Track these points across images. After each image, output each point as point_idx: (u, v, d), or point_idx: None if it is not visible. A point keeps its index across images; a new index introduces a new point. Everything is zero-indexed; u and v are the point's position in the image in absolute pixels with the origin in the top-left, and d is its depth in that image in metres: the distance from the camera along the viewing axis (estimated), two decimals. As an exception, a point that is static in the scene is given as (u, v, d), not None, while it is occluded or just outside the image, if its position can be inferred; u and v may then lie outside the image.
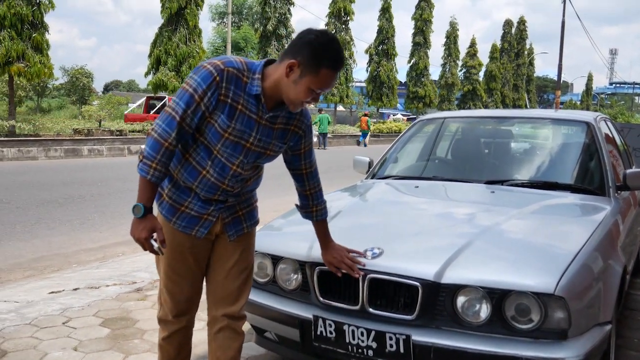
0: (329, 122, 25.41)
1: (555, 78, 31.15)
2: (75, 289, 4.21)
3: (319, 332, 2.34)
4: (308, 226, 2.80)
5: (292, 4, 32.04)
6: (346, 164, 4.07)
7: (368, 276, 2.27)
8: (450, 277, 2.18)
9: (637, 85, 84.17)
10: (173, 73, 21.24)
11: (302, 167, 2.24)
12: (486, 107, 48.23)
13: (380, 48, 37.75)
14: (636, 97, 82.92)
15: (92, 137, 17.30)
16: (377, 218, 2.93)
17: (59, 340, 3.21)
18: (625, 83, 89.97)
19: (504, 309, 2.11)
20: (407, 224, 2.80)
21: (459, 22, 45.91)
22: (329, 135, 25.94)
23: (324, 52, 1.88)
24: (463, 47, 48.73)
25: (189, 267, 2.19)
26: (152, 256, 2.21)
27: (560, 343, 2.07)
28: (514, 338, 2.10)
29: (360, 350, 2.25)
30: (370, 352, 2.23)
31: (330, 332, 2.31)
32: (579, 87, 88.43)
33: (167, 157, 1.93)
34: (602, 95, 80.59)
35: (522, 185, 3.29)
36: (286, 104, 2.00)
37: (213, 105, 1.93)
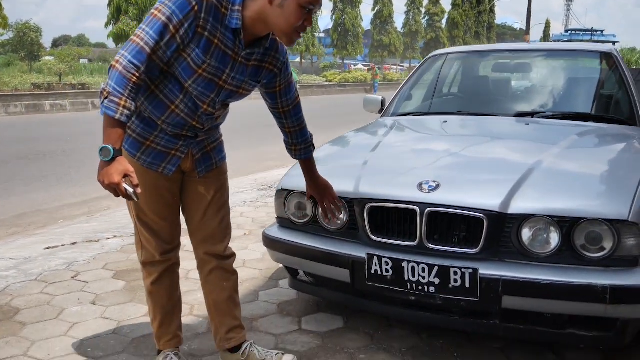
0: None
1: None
2: (74, 243, 3.98)
3: (373, 271, 2.21)
4: (354, 160, 2.65)
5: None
6: (326, 113, 3.86)
7: (427, 210, 2.14)
8: (517, 207, 2.07)
9: (594, 33, 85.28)
10: (136, 22, 20.26)
11: (278, 105, 2.07)
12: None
13: (343, -5, 36.93)
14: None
15: (53, 92, 16.47)
16: (418, 152, 2.77)
17: (72, 295, 3.00)
18: (580, 30, 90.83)
19: (574, 238, 2.03)
20: (452, 156, 2.66)
21: (421, -33, 45.04)
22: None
23: None
24: (426, -7, 47.91)
25: (167, 205, 2.03)
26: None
27: (632, 270, 2.00)
28: (583, 267, 2.02)
29: (420, 287, 2.13)
30: (432, 289, 2.12)
31: (387, 270, 2.18)
32: (536, 35, 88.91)
33: (136, 92, 1.68)
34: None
35: (553, 117, 3.18)
36: (276, 38, 1.78)
37: (190, 37, 1.71)
